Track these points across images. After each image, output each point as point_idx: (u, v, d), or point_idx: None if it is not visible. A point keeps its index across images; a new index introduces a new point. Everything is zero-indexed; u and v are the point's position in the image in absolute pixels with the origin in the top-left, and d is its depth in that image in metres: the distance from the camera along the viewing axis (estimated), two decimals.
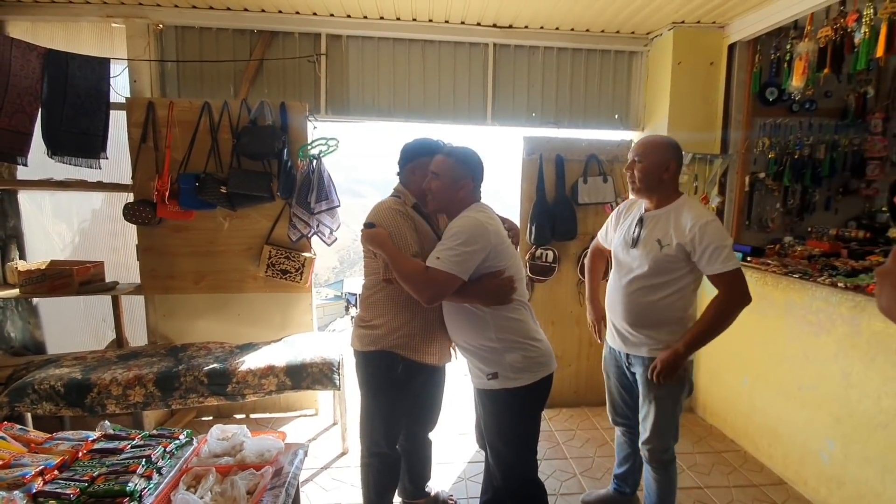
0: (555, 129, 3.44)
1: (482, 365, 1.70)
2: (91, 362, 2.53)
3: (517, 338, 1.68)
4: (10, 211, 3.01)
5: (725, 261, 1.68)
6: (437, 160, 1.73)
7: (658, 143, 1.83)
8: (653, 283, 1.79)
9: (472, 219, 1.63)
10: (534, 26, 3.24)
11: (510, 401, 1.68)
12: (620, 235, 1.92)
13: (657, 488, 1.98)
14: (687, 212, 1.76)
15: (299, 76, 3.16)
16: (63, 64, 2.73)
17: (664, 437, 1.90)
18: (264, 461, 1.69)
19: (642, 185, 1.81)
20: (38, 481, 1.43)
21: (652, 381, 1.83)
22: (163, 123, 2.77)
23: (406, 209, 1.80)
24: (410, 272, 1.59)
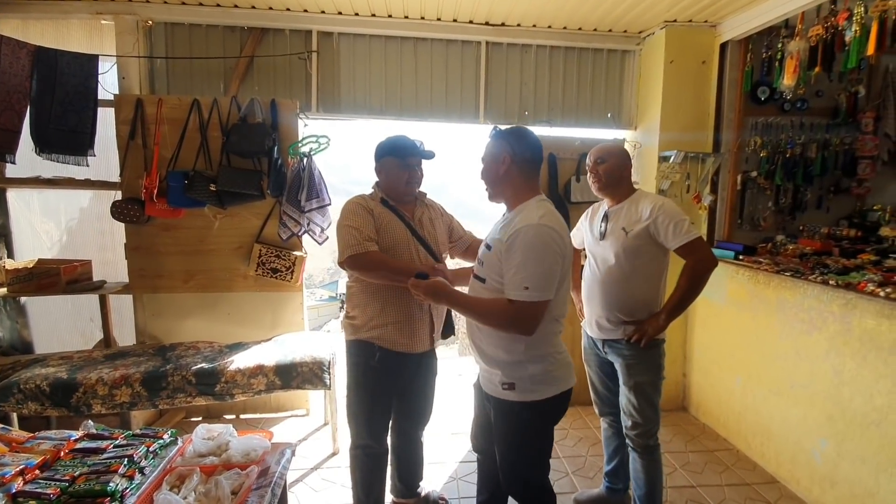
0: (548, 127, 3.44)
1: (499, 372, 1.58)
2: (77, 362, 2.50)
3: (545, 349, 1.56)
4: None
5: (687, 232, 1.85)
6: (484, 147, 1.68)
7: (617, 147, 2.07)
8: (624, 270, 1.95)
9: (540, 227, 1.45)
10: (526, 24, 3.24)
11: (526, 414, 1.57)
12: (591, 233, 2.11)
13: (644, 475, 2.04)
14: (643, 200, 1.97)
15: (290, 73, 3.14)
16: (52, 61, 2.70)
17: (648, 423, 2.00)
18: (250, 461, 1.67)
19: (606, 183, 2.01)
20: (19, 481, 1.41)
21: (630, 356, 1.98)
22: (151, 121, 2.75)
23: (370, 203, 1.90)
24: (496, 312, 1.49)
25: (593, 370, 2.23)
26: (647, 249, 1.92)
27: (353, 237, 1.81)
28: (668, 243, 1.89)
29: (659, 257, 1.95)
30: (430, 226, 2.03)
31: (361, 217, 1.85)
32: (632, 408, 2.00)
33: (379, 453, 2.04)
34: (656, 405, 2.01)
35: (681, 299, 1.91)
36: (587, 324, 2.16)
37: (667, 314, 1.93)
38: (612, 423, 2.24)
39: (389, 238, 1.88)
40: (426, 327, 1.95)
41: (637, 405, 1.99)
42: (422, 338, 1.95)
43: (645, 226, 1.89)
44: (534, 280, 1.42)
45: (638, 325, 1.95)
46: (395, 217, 1.92)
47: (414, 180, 1.95)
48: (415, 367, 2.02)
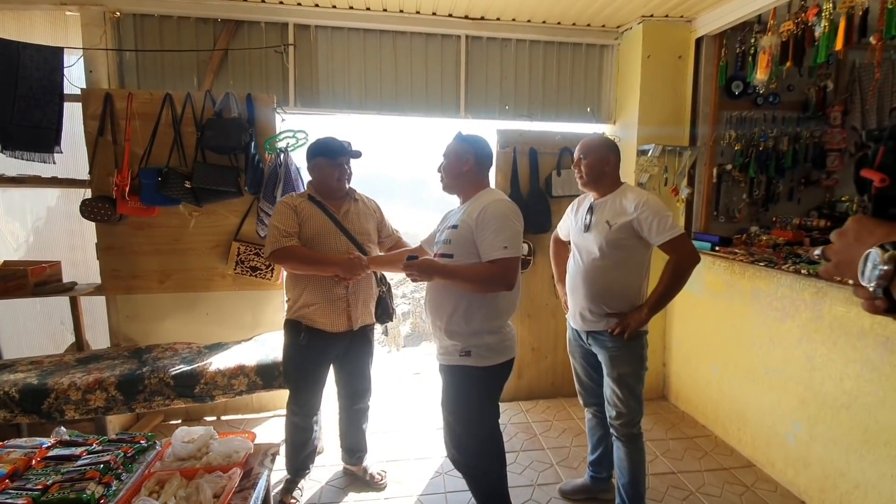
0: (528, 122, 3.45)
1: (458, 343, 1.79)
2: (48, 366, 2.41)
3: (499, 323, 1.82)
4: None
5: (670, 228, 1.88)
6: (447, 146, 1.94)
7: (598, 142, 2.09)
8: (607, 263, 1.98)
9: (502, 202, 1.78)
10: (505, 18, 3.23)
11: (477, 375, 1.79)
12: (576, 225, 2.13)
13: (628, 463, 2.08)
14: (629, 194, 1.99)
15: (266, 67, 3.07)
16: (13, 54, 2.57)
17: (632, 412, 2.04)
18: (232, 463, 1.64)
19: (589, 178, 2.05)
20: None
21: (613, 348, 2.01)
22: (121, 116, 2.65)
23: (295, 201, 2.16)
24: (483, 273, 1.71)
25: (577, 361, 2.26)
26: (630, 243, 1.95)
27: (274, 235, 2.09)
28: (652, 239, 1.91)
29: (641, 251, 1.99)
30: (357, 219, 2.24)
31: (283, 215, 2.12)
32: (616, 398, 2.04)
33: (304, 427, 2.29)
34: (639, 395, 2.05)
35: (663, 294, 1.95)
36: (571, 315, 2.18)
37: (649, 308, 1.96)
38: (597, 413, 2.28)
39: (312, 229, 2.13)
40: (342, 309, 2.17)
41: (621, 396, 2.02)
42: (339, 319, 2.17)
43: (629, 220, 1.91)
44: (510, 240, 1.70)
45: (621, 317, 1.98)
46: (320, 210, 2.16)
47: (343, 177, 2.19)
48: (344, 345, 2.25)
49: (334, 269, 2.08)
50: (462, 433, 1.86)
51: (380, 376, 4.22)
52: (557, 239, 2.39)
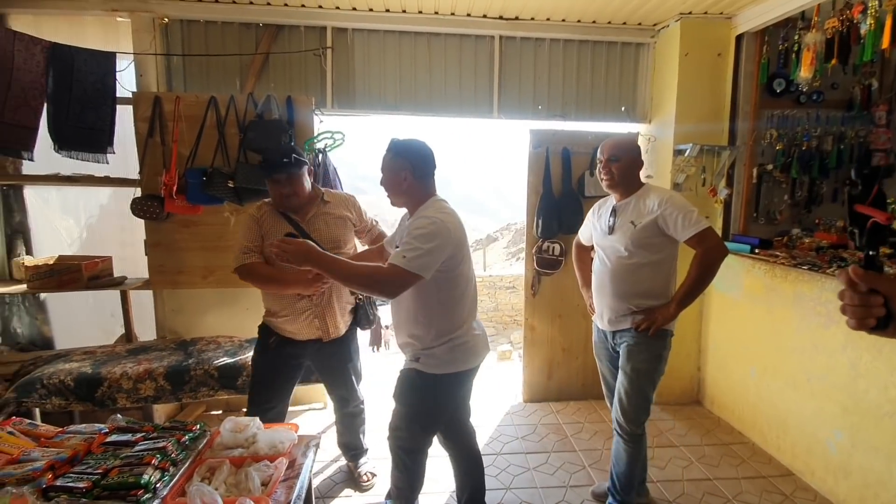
0: (561, 122, 3.43)
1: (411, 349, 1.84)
2: (101, 357, 2.53)
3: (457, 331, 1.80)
4: (15, 206, 3.00)
5: (696, 223, 1.86)
6: (382, 158, 1.82)
7: (631, 142, 2.05)
8: (633, 262, 1.96)
9: (434, 220, 1.68)
10: (540, 18, 3.22)
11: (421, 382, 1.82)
12: (599, 228, 2.11)
13: (626, 457, 2.09)
14: (651, 193, 1.97)
15: (305, 70, 3.15)
16: (68, 58, 2.71)
17: (637, 412, 2.03)
18: (277, 453, 1.69)
19: (620, 181, 2.00)
20: (49, 475, 1.42)
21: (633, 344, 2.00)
22: (169, 118, 2.76)
23: (260, 212, 2.07)
24: (366, 273, 1.64)
25: (604, 364, 2.25)
26: (656, 241, 1.94)
27: (237, 250, 2.04)
28: (678, 235, 1.90)
29: (668, 248, 1.97)
30: (325, 226, 2.12)
31: (246, 228, 2.06)
32: (623, 393, 2.03)
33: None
34: (648, 396, 2.03)
35: (691, 288, 1.93)
36: (598, 317, 2.18)
37: (677, 303, 1.95)
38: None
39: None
40: (309, 320, 2.11)
41: (628, 391, 2.01)
42: (307, 330, 2.12)
43: (653, 218, 1.91)
44: (413, 254, 1.60)
45: (648, 312, 1.98)
46: (285, 221, 2.05)
47: (291, 192, 2.01)
48: (315, 352, 2.21)
49: (294, 288, 2.01)
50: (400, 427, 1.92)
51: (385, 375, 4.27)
52: (579, 244, 2.38)
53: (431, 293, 1.75)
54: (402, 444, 1.95)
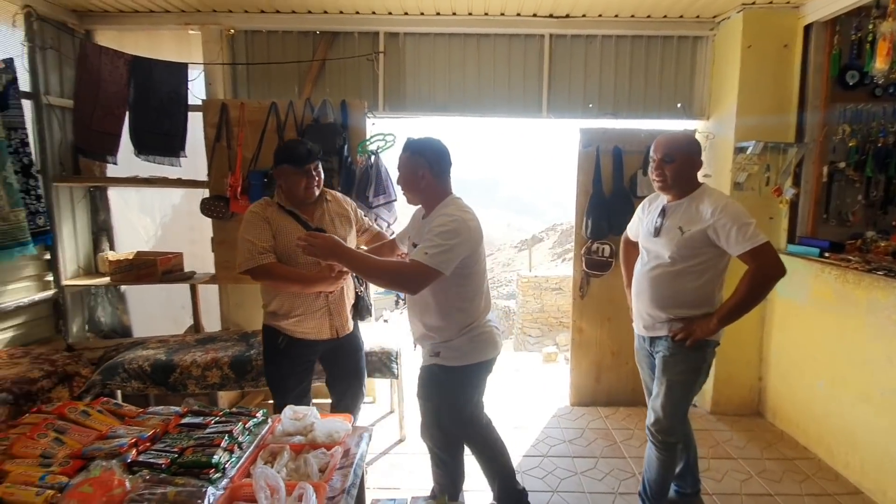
0: (613, 120, 3.36)
1: (430, 344, 1.88)
2: (173, 345, 2.75)
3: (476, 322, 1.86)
4: (101, 206, 3.30)
5: (752, 237, 1.70)
6: (399, 157, 1.86)
7: (687, 140, 1.88)
8: (677, 269, 1.84)
9: (455, 217, 1.73)
10: (592, 14, 3.17)
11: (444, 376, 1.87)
12: (646, 226, 1.99)
13: (657, 466, 2.01)
14: (706, 198, 1.81)
15: (359, 74, 3.26)
16: (147, 69, 2.96)
17: (671, 421, 1.93)
18: (334, 442, 1.77)
19: (674, 184, 1.85)
20: (133, 451, 1.56)
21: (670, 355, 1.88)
22: (235, 123, 2.94)
23: (266, 211, 2.00)
24: (391, 268, 1.74)
25: (645, 370, 2.15)
26: (703, 251, 1.80)
27: (248, 250, 1.94)
28: (730, 248, 1.74)
29: (716, 259, 1.83)
30: (332, 225, 2.09)
31: (256, 227, 1.97)
32: (658, 403, 1.93)
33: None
34: (682, 410, 1.94)
35: (737, 306, 1.78)
36: (635, 321, 2.07)
37: (719, 319, 1.80)
38: None
39: (286, 242, 1.96)
40: (324, 319, 2.07)
41: (664, 402, 1.91)
42: (321, 328, 2.08)
43: (704, 228, 1.76)
44: (435, 251, 1.64)
45: (686, 322, 1.86)
46: (293, 221, 2.00)
47: (312, 185, 2.00)
48: (328, 351, 2.16)
49: (317, 287, 1.98)
50: (432, 425, 1.96)
51: None
52: (627, 240, 2.25)
53: (451, 288, 1.79)
54: (435, 441, 1.99)
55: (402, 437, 2.88)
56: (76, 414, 1.67)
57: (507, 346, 12.01)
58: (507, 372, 4.29)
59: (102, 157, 3.01)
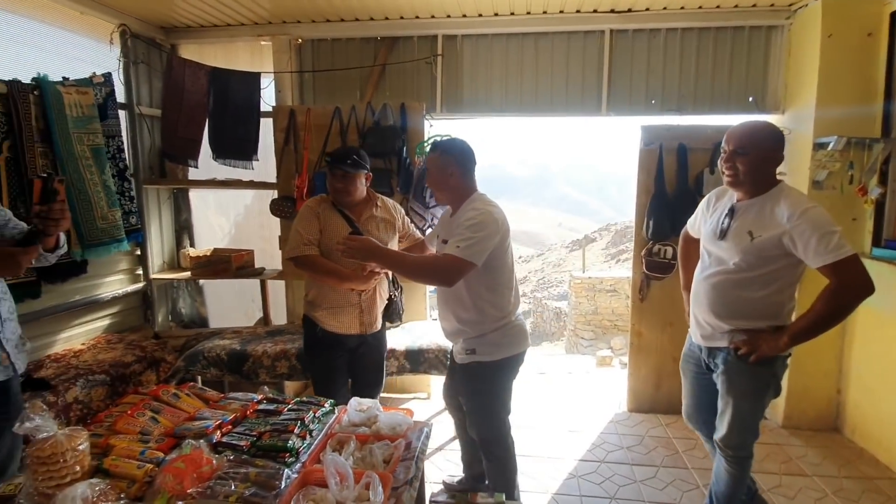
0: (677, 116, 3.24)
1: (464, 342, 1.93)
2: (246, 336, 2.94)
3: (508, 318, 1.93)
4: (183, 206, 3.60)
5: (836, 249, 1.49)
6: (427, 158, 1.97)
7: (766, 131, 1.66)
8: (743, 277, 1.66)
9: (482, 211, 1.81)
10: (655, 7, 3.07)
11: (482, 371, 1.93)
12: (709, 225, 1.80)
13: (727, 479, 1.89)
14: (784, 200, 1.61)
15: (417, 77, 3.34)
16: (224, 80, 3.18)
17: (741, 436, 1.81)
18: (397, 434, 1.84)
19: (746, 179, 1.65)
20: (218, 433, 1.69)
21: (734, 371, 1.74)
22: (301, 128, 3.11)
23: (319, 206, 2.16)
24: (426, 263, 1.86)
25: (689, 379, 2.02)
26: (775, 260, 1.61)
27: (295, 240, 2.10)
28: (809, 260, 1.55)
29: (789, 269, 1.64)
30: (376, 228, 2.20)
31: (307, 220, 2.12)
32: (725, 422, 1.80)
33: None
34: (754, 427, 1.81)
35: (813, 325, 1.58)
36: (692, 329, 1.92)
37: (791, 337, 1.61)
38: (709, 440, 2.03)
39: (331, 236, 2.10)
40: (355, 315, 2.17)
41: (731, 420, 1.78)
42: (351, 323, 2.18)
43: (779, 233, 1.57)
44: (466, 244, 1.72)
45: (751, 335, 1.68)
46: (341, 218, 2.13)
47: (345, 186, 2.10)
48: (355, 347, 2.25)
49: (350, 284, 2.09)
50: (480, 421, 2.01)
51: None
52: (688, 237, 2.09)
53: (482, 280, 1.85)
54: (484, 435, 2.03)
55: (456, 434, 2.92)
56: (168, 396, 1.83)
57: (558, 348, 11.82)
58: (560, 374, 4.24)
59: (185, 161, 3.27)
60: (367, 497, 1.37)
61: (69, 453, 1.29)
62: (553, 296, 17.21)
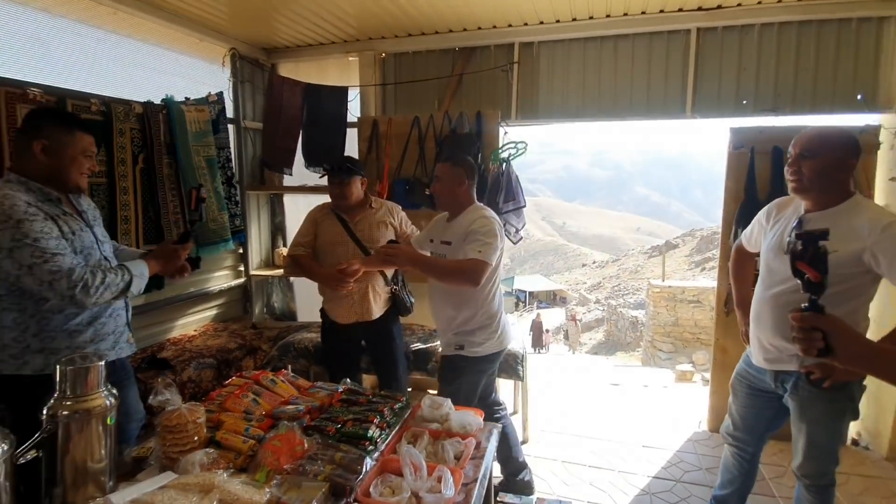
0: (772, 116, 3.02)
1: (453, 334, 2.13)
2: None
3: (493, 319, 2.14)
4: (277, 209, 3.97)
5: None
6: (438, 167, 2.16)
7: (833, 135, 1.57)
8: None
9: (492, 218, 2.07)
10: (749, 3, 2.89)
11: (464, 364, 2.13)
12: (772, 239, 1.68)
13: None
14: (863, 212, 1.50)
15: (494, 85, 3.40)
16: (317, 94, 3.47)
17: (820, 463, 1.68)
18: (467, 433, 1.91)
19: (812, 185, 1.55)
20: (307, 417, 1.86)
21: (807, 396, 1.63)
22: (383, 137, 3.31)
23: (319, 213, 2.50)
24: (456, 267, 2.01)
25: (738, 399, 1.90)
26: (851, 277, 1.48)
27: (293, 241, 2.48)
28: (893, 278, 1.43)
29: (865, 287, 1.53)
30: (368, 228, 2.46)
31: (304, 225, 2.50)
32: (801, 450, 1.69)
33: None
34: (834, 452, 1.67)
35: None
36: (752, 350, 1.80)
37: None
38: (737, 454, 1.94)
39: (325, 238, 2.44)
40: (349, 305, 2.44)
41: (807, 449, 1.67)
42: (347, 313, 2.46)
43: (858, 249, 1.46)
44: (486, 249, 1.96)
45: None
46: (336, 221, 2.43)
47: (341, 192, 2.37)
48: (362, 334, 2.54)
49: (323, 283, 2.41)
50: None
51: (573, 381, 4.24)
52: (742, 250, 1.98)
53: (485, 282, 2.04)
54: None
55: (525, 439, 2.95)
56: (267, 381, 2.04)
57: (634, 360, 11.30)
58: (634, 387, 4.10)
59: (281, 169, 3.61)
60: (439, 489, 1.45)
61: (190, 425, 1.51)
62: (629, 304, 16.45)
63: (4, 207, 1.46)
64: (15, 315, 1.57)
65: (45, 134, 1.58)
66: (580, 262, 47.23)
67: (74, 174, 1.64)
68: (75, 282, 1.50)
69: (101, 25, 2.78)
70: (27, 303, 1.57)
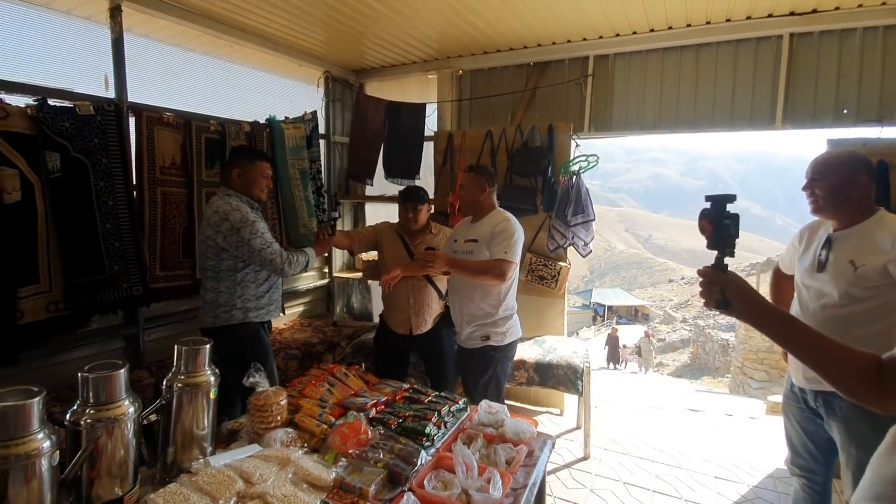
0: (877, 127, 2.73)
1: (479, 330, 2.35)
2: None
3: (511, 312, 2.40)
4: (359, 217, 4.30)
5: None
6: (463, 176, 2.43)
7: (839, 158, 1.69)
8: (851, 311, 1.58)
9: (512, 220, 2.32)
10: (848, 6, 2.65)
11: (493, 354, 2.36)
12: (806, 259, 1.75)
13: None
14: (885, 226, 1.57)
15: (567, 98, 3.43)
16: (398, 111, 3.73)
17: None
18: (520, 440, 1.97)
19: (827, 205, 1.65)
20: (373, 410, 2.03)
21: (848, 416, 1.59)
22: (457, 150, 3.47)
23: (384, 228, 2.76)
24: (487, 265, 2.24)
25: (792, 424, 1.86)
26: (884, 290, 1.52)
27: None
28: None
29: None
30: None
31: (369, 228, 2.85)
32: (851, 478, 1.61)
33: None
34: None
35: None
36: (793, 370, 1.80)
37: None
38: (807, 486, 1.83)
39: (390, 252, 2.67)
40: (405, 318, 2.66)
41: (855, 473, 1.58)
42: (404, 324, 2.67)
43: (883, 261, 1.50)
44: (511, 249, 2.25)
45: None
46: (398, 240, 2.68)
47: (411, 218, 2.62)
48: (412, 344, 2.73)
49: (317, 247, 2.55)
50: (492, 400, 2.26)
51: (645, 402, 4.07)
52: (779, 273, 2.03)
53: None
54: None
55: (586, 455, 2.92)
56: (340, 374, 2.26)
57: (721, 386, 10.37)
58: (717, 415, 3.85)
59: (364, 179, 3.92)
60: (488, 490, 1.53)
61: (275, 406, 1.74)
62: (719, 325, 15.15)
63: (243, 213, 2.17)
64: (228, 284, 2.26)
65: (238, 163, 2.27)
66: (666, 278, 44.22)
67: (257, 190, 2.31)
68: (285, 260, 2.23)
69: (220, 56, 3.25)
70: (237, 275, 2.26)
